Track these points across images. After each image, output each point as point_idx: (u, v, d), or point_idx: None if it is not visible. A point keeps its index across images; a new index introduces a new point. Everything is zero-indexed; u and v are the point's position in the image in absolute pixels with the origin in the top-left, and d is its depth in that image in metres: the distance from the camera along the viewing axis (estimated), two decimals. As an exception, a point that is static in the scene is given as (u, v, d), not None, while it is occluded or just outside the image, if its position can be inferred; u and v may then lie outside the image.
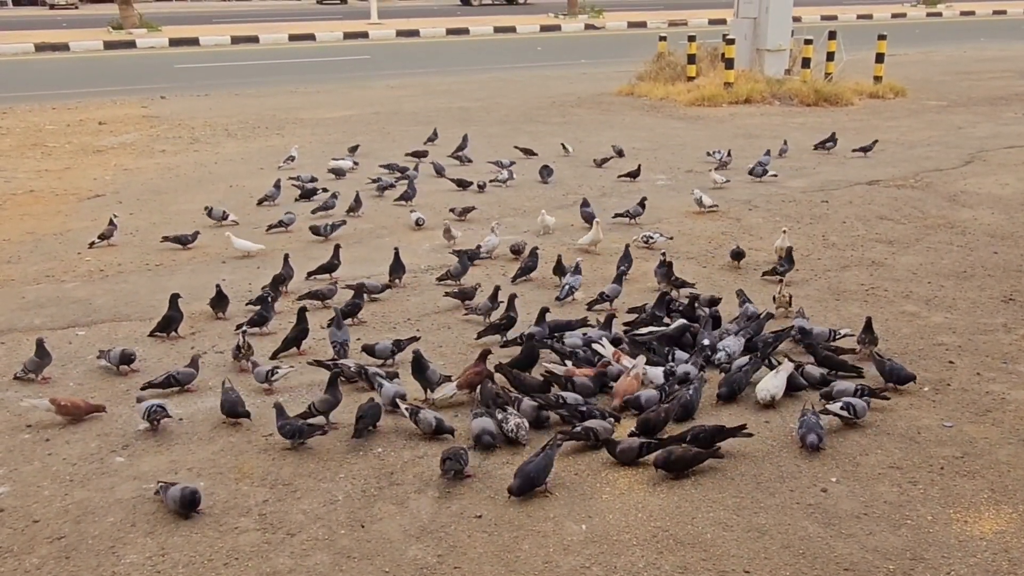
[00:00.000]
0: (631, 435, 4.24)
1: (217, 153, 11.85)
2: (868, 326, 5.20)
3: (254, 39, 27.66)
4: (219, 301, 6.02)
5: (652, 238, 7.35)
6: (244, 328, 5.51)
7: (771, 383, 4.60)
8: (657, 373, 4.84)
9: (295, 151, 10.99)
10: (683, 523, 3.65)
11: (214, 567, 3.40)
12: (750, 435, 4.18)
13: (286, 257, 6.58)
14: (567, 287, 6.22)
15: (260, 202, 8.96)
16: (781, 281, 6.20)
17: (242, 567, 3.40)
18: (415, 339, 5.39)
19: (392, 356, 5.23)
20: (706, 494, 3.86)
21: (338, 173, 10.06)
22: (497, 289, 5.91)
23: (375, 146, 11.85)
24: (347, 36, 28.70)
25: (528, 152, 11.01)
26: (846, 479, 3.95)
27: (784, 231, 7.04)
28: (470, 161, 10.72)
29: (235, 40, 27.38)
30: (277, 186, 9.16)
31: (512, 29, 30.94)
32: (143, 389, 4.78)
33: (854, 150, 11.11)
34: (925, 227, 7.97)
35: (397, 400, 4.48)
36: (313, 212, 8.56)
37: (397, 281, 6.56)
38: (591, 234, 7.35)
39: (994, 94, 16.35)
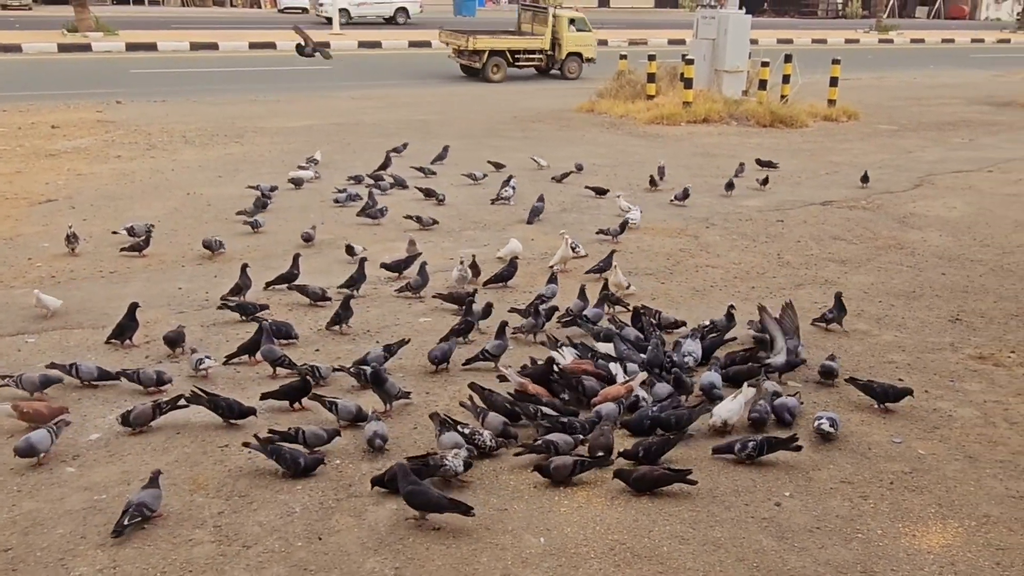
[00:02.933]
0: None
1: (174, 160, 11.69)
2: (838, 302, 5.70)
3: (213, 46, 27.38)
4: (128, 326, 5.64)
5: (577, 248, 7.41)
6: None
7: (726, 407, 4.61)
8: (664, 388, 4.90)
9: (319, 155, 11.19)
10: (640, 536, 3.68)
11: (167, 579, 3.35)
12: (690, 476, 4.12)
13: (244, 267, 6.51)
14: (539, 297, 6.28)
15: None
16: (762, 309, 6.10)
17: (196, 579, 3.35)
18: (405, 342, 5.43)
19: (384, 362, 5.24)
20: (663, 507, 3.90)
21: (297, 183, 9.99)
22: (489, 305, 5.96)
23: (336, 157, 11.80)
24: (308, 46, 28.50)
25: (498, 165, 11.05)
26: (799, 493, 4.02)
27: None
28: (433, 173, 10.72)
29: (194, 47, 27.07)
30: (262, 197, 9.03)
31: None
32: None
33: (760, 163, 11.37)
34: (876, 248, 8.16)
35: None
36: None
37: (355, 291, 6.54)
38: (560, 252, 7.28)
39: (943, 119, 16.81)
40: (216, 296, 6.51)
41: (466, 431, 4.27)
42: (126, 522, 3.61)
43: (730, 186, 10.06)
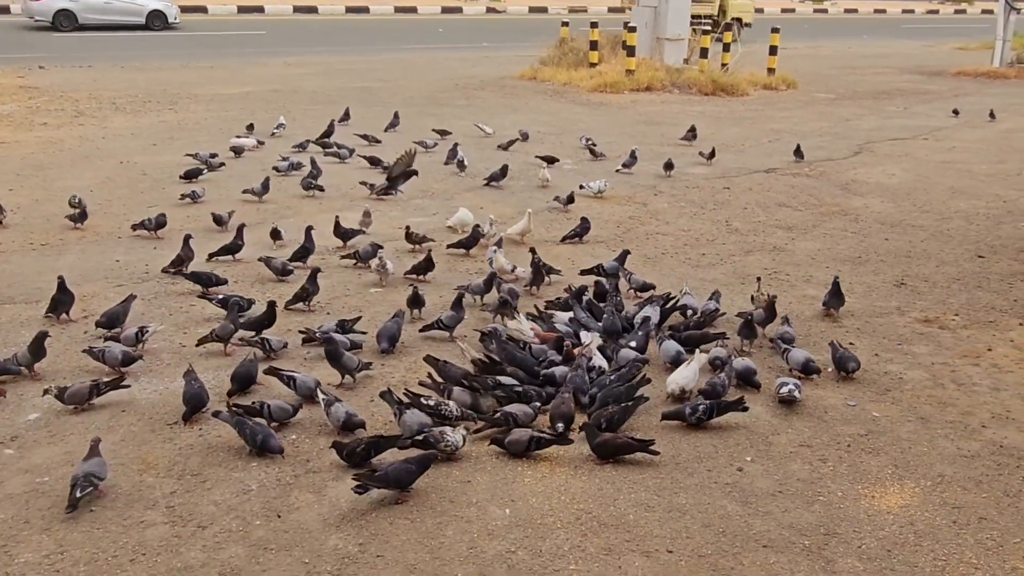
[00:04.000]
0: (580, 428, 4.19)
1: (105, 128, 11.25)
2: (836, 289, 5.62)
3: (141, 10, 26.38)
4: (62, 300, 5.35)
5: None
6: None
7: (681, 375, 4.59)
8: (628, 354, 4.87)
9: (283, 119, 11.13)
10: (606, 505, 3.66)
11: (119, 563, 3.21)
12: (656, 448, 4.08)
13: (186, 238, 6.27)
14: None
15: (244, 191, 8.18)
16: (759, 280, 6.08)
17: (150, 563, 3.22)
18: (358, 319, 5.32)
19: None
20: (627, 476, 3.88)
21: (238, 151, 9.69)
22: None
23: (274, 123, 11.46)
24: (241, 10, 27.75)
25: (443, 133, 10.88)
26: (760, 458, 4.04)
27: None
28: (378, 141, 10.50)
29: (120, 10, 26.04)
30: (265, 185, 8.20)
31: (413, 10, 30.56)
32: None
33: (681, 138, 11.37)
34: (821, 214, 8.26)
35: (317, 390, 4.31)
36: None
37: (304, 263, 6.35)
38: (521, 224, 7.11)
39: (877, 88, 17.11)
40: (156, 268, 6.28)
41: (430, 403, 4.18)
42: (78, 494, 3.47)
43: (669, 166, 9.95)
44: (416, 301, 5.54)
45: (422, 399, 4.23)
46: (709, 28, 23.07)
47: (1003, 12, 19.07)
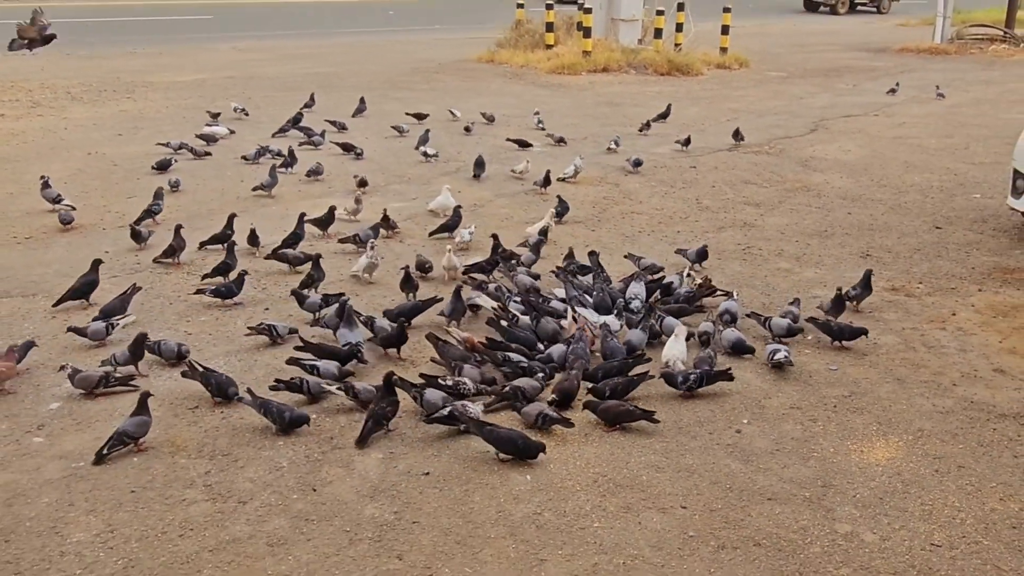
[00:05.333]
0: (549, 402, 4.42)
1: (65, 119, 11.12)
2: (867, 281, 5.61)
3: (81, -6, 25.81)
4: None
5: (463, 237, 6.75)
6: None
7: (676, 349, 4.78)
8: (637, 335, 5.07)
9: (236, 104, 11.30)
10: (619, 468, 3.91)
11: (169, 539, 3.36)
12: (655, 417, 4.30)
13: (177, 228, 6.34)
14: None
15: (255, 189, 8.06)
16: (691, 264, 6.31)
17: (199, 536, 3.38)
18: (342, 294, 5.49)
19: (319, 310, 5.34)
20: (635, 440, 4.13)
21: (210, 140, 9.70)
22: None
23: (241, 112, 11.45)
24: (186, -6, 27.24)
25: (419, 116, 10.98)
26: (755, 420, 4.33)
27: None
28: (345, 128, 10.58)
29: (60, -5, 25.43)
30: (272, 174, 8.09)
31: (361, -8, 30.28)
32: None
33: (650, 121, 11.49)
34: (785, 190, 8.60)
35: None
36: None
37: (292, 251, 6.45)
38: (543, 222, 6.84)
39: (826, 66, 17.61)
40: (147, 258, 6.35)
41: (448, 382, 4.39)
42: (105, 451, 3.75)
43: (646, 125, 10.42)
44: (409, 284, 5.70)
45: (439, 379, 4.43)
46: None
47: (942, -11, 19.73)
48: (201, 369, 4.44)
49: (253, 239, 6.44)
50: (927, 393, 4.64)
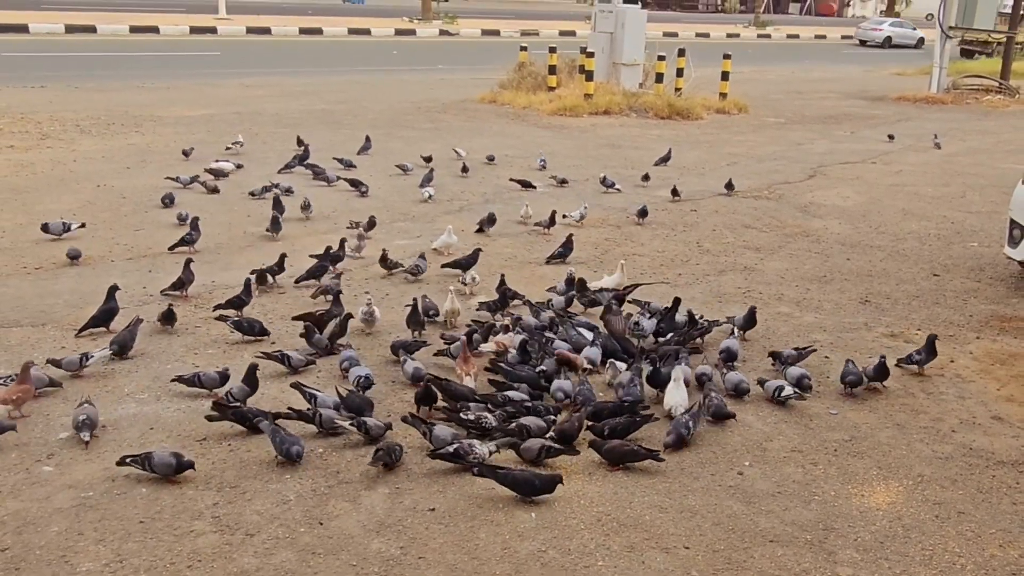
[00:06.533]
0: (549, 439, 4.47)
1: (74, 151, 11.25)
2: (931, 347, 5.39)
3: (91, 29, 26.16)
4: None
5: (467, 282, 6.73)
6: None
7: (674, 397, 4.79)
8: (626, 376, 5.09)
9: (241, 137, 11.42)
10: (622, 507, 3.95)
11: (178, 570, 3.40)
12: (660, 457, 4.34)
13: (188, 262, 6.43)
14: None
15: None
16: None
17: (207, 568, 3.41)
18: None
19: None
20: (638, 480, 4.18)
21: (218, 174, 9.82)
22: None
23: (248, 147, 11.61)
24: (194, 31, 27.66)
25: (428, 159, 11.02)
26: (757, 463, 4.39)
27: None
28: (353, 166, 10.71)
29: (69, 29, 25.79)
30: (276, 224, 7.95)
31: (367, 31, 30.79)
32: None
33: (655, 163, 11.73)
34: (785, 235, 8.72)
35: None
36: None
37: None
38: (615, 277, 6.69)
39: (825, 113, 17.87)
40: (155, 291, 6.42)
41: (470, 416, 4.45)
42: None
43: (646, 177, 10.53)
44: (415, 319, 5.77)
45: (461, 414, 4.49)
46: None
47: (939, 40, 20.07)
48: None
49: (262, 278, 6.50)
50: (926, 439, 4.70)
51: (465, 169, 10.76)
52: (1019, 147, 13.75)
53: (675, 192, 9.94)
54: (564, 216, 8.62)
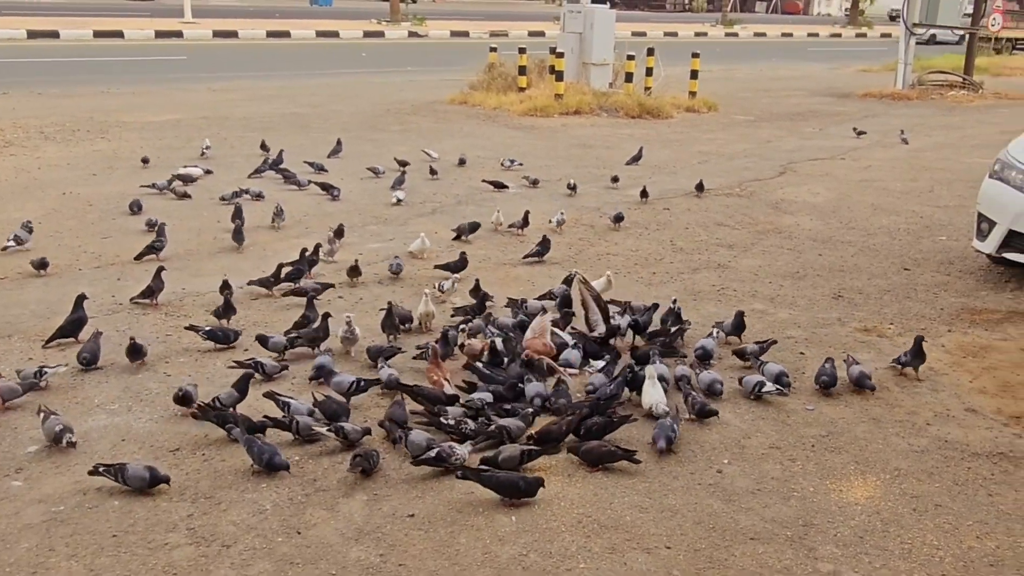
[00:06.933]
0: (529, 439, 4.46)
1: (38, 158, 11.06)
2: (918, 349, 5.32)
3: (54, 34, 25.80)
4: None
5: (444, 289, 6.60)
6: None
7: (656, 395, 4.77)
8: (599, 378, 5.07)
9: (208, 142, 11.30)
10: (603, 508, 3.94)
11: (153, 584, 3.33)
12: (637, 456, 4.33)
13: (159, 270, 6.32)
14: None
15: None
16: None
17: (183, 582, 3.35)
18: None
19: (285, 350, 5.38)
20: (618, 481, 4.17)
21: (187, 180, 9.69)
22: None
23: (217, 152, 11.49)
24: (159, 35, 27.36)
25: (402, 163, 10.90)
26: (736, 460, 4.39)
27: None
28: (324, 170, 10.62)
29: (32, 34, 25.41)
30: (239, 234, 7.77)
31: (335, 34, 30.60)
32: None
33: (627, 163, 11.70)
34: (757, 232, 8.76)
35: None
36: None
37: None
38: (600, 282, 6.41)
39: (792, 110, 18.01)
40: (124, 299, 6.32)
41: (450, 421, 4.41)
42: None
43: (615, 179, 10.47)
44: (390, 323, 5.71)
45: (442, 419, 4.45)
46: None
47: (904, 36, 20.30)
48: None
49: (225, 287, 6.25)
50: (902, 433, 4.73)
51: (433, 172, 10.66)
52: (984, 142, 13.92)
53: (644, 194, 9.83)
54: (549, 222, 8.51)
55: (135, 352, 5.17)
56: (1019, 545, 3.75)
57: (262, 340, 5.36)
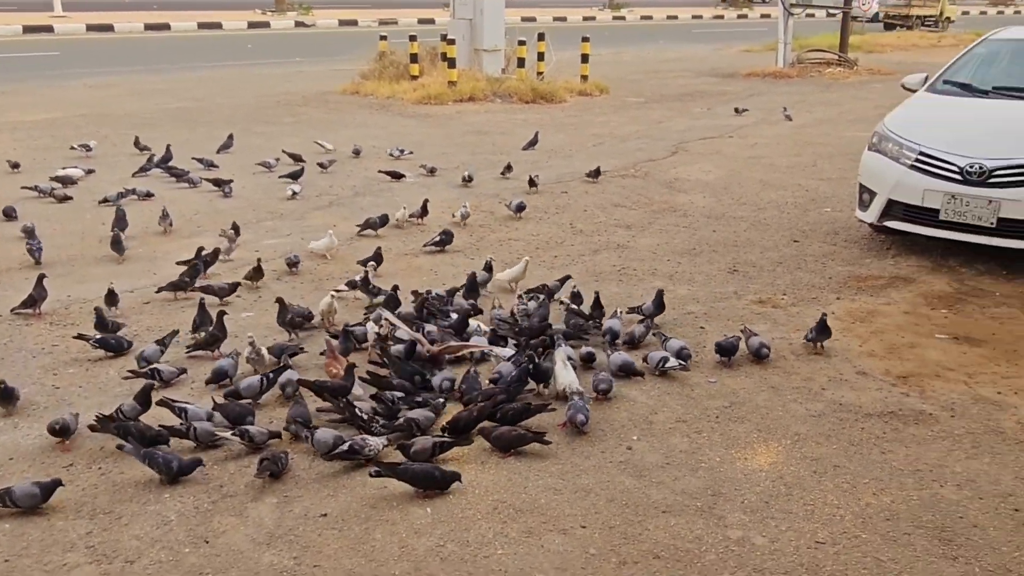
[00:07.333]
0: (442, 429, 4.44)
1: (-99, 162, 10.35)
2: (823, 325, 5.47)
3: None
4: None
5: (295, 260, 6.85)
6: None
7: (569, 377, 4.79)
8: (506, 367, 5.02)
9: (91, 143, 10.83)
10: (517, 493, 3.95)
11: (51, 608, 3.17)
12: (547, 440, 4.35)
13: (41, 278, 5.99)
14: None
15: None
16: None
17: (85, 603, 3.20)
18: (175, 333, 5.41)
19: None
20: (531, 465, 4.19)
21: (66, 181, 9.23)
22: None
23: (99, 150, 10.98)
24: (27, 30, 25.96)
25: (295, 158, 10.64)
26: (645, 436, 4.47)
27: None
28: (215, 166, 10.27)
29: None
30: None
31: (218, 25, 29.64)
32: None
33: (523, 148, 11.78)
34: (653, 212, 8.93)
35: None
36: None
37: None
38: (515, 270, 6.50)
39: (681, 91, 18.40)
40: (4, 308, 5.98)
41: (365, 416, 4.33)
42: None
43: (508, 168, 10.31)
44: (284, 317, 5.58)
45: (358, 411, 4.37)
46: (932, 22, 35.22)
47: (782, 16, 20.99)
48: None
49: (111, 298, 5.96)
50: (800, 399, 4.91)
51: (321, 166, 10.36)
52: (861, 116, 14.53)
53: (532, 183, 9.65)
54: (453, 216, 8.40)
55: (6, 397, 4.56)
56: (912, 499, 3.94)
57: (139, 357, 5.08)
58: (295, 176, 9.57)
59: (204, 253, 6.73)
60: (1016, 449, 4.37)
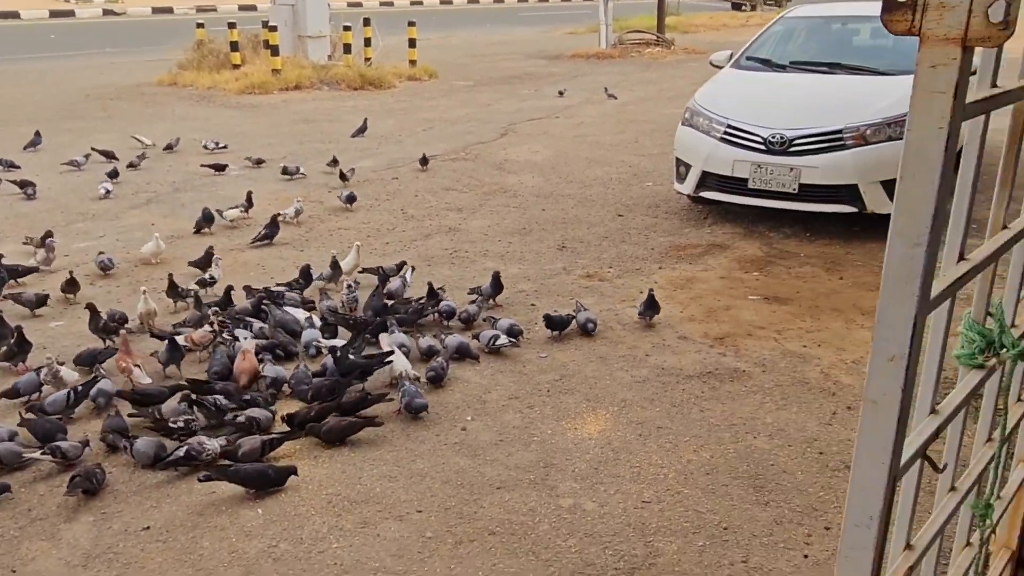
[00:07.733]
0: (282, 419, 4.35)
1: None
2: (651, 300, 5.60)
3: None
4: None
5: (109, 264, 6.54)
6: None
7: (402, 362, 4.80)
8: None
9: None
10: (352, 484, 3.91)
11: None
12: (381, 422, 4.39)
13: None
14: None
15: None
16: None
17: None
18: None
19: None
20: (365, 454, 4.15)
21: None
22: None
23: None
24: None
25: (106, 154, 9.98)
26: (479, 415, 4.52)
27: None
28: (17, 167, 9.50)
29: None
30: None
31: (15, 15, 27.46)
32: None
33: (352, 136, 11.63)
34: (484, 193, 9.01)
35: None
36: None
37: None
38: (350, 257, 6.46)
39: (509, 74, 18.62)
40: None
41: (179, 423, 4.15)
42: None
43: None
44: (96, 324, 5.28)
45: (170, 422, 4.17)
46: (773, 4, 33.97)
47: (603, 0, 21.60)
48: None
49: None
50: (626, 366, 5.10)
51: (131, 164, 9.79)
52: (678, 93, 15.16)
53: (343, 176, 9.18)
54: (280, 215, 8.07)
55: None
56: (728, 452, 4.18)
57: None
58: (112, 175, 9.01)
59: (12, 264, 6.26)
60: (820, 397, 4.72)
